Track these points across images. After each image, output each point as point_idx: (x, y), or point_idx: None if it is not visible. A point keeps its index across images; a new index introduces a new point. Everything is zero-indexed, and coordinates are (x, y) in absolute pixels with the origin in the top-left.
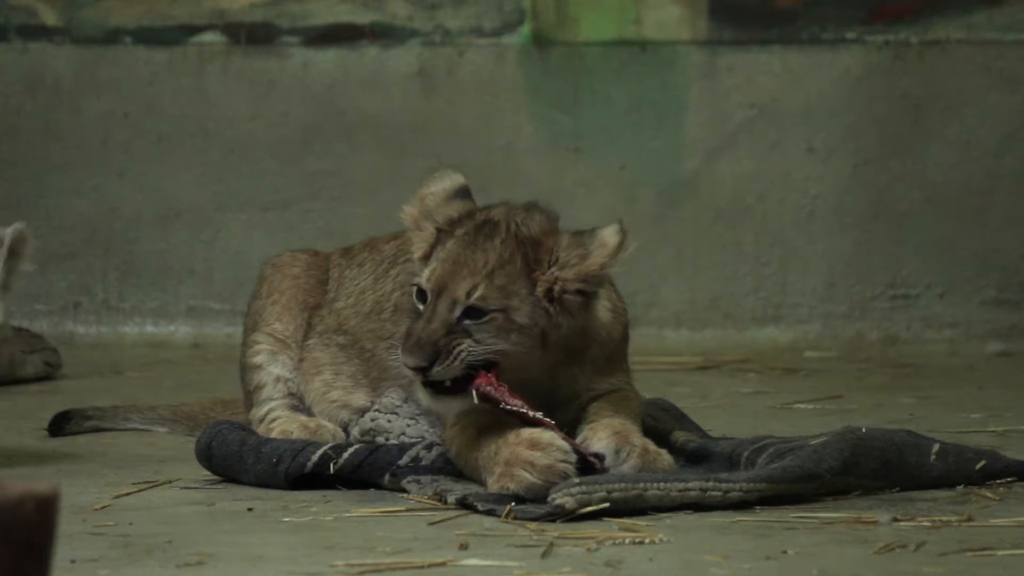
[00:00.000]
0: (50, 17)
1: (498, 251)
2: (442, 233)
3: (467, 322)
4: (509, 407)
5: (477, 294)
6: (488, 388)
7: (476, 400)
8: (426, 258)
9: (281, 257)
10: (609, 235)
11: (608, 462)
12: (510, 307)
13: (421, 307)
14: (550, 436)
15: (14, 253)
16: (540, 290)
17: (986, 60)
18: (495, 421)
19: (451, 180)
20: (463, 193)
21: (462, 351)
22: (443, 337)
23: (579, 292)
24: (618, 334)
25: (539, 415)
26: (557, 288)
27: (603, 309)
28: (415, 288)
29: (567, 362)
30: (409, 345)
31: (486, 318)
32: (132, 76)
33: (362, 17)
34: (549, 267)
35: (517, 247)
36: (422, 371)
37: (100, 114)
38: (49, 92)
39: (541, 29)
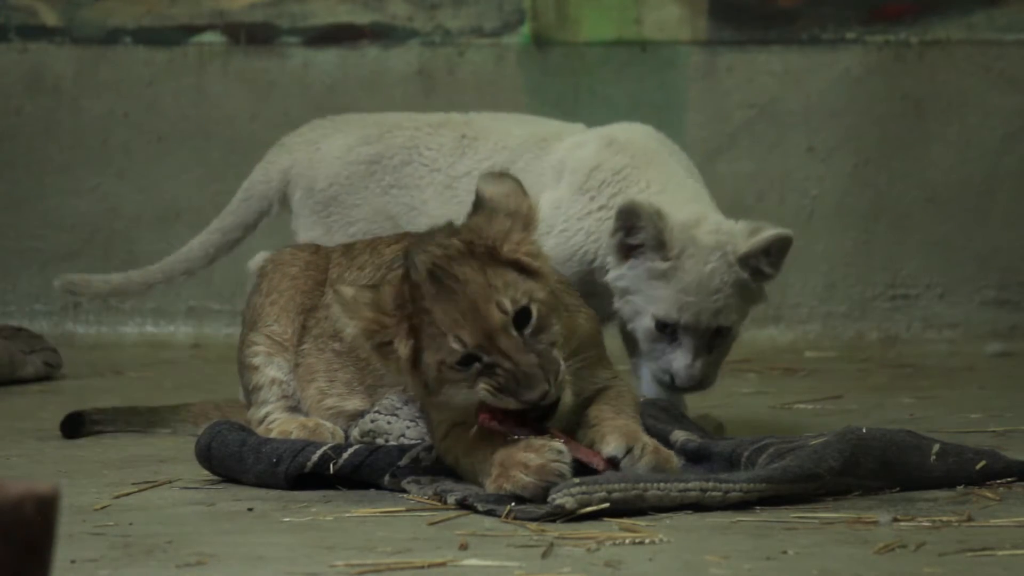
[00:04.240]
0: (50, 17)
1: (471, 269)
2: (410, 317)
3: (526, 332)
4: (516, 436)
5: (505, 304)
6: (493, 424)
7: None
8: (416, 351)
9: (282, 254)
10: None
11: (623, 464)
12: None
13: (464, 372)
14: (545, 438)
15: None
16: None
17: (986, 60)
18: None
19: (352, 289)
20: (368, 289)
21: (555, 359)
22: (533, 357)
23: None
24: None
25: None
26: (522, 253)
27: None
28: (450, 367)
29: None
30: (526, 381)
31: (533, 319)
32: (132, 76)
33: (362, 17)
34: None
35: (478, 253)
36: (547, 395)
37: (100, 114)
38: (49, 92)
39: (541, 29)
